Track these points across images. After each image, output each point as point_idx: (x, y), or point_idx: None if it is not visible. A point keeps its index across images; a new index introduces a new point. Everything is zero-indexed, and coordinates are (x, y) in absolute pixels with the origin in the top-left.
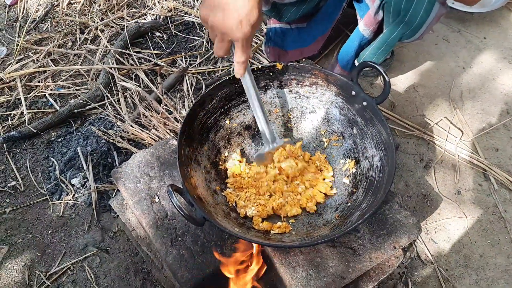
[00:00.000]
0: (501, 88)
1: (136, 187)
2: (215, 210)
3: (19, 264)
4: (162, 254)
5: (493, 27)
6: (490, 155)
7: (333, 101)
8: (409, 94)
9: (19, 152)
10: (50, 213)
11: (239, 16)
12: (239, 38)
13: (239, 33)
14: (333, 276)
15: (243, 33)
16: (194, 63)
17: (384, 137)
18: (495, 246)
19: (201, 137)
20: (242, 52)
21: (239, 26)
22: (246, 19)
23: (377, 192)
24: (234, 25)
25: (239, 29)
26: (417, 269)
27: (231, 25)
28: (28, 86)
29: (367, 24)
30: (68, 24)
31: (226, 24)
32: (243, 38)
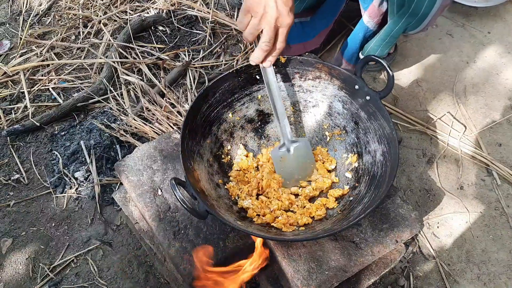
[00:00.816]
0: (505, 83)
1: (139, 180)
2: (218, 203)
3: (23, 256)
4: (165, 247)
5: (498, 21)
6: (493, 150)
7: (336, 95)
8: (412, 88)
9: (22, 146)
10: (53, 206)
11: (289, 5)
12: (288, 24)
13: (289, 19)
14: (335, 269)
15: (291, 20)
16: (197, 57)
17: (387, 131)
18: (497, 241)
19: (204, 130)
20: (284, 39)
21: (290, 13)
22: (292, 10)
23: (380, 187)
24: (286, 13)
25: (290, 16)
26: (419, 263)
27: (284, 12)
28: (32, 79)
29: (372, 15)
30: (71, 17)
31: (280, 11)
32: (290, 24)
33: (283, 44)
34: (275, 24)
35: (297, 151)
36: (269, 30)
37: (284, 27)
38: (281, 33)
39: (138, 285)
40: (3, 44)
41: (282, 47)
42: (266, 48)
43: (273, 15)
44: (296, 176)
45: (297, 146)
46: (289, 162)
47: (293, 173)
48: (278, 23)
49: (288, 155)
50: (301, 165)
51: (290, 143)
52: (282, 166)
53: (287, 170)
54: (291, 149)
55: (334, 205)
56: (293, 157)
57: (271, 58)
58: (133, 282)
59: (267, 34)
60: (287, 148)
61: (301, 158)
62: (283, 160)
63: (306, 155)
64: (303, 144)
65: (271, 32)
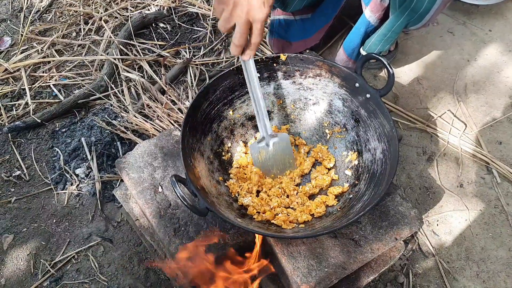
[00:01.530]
0: (505, 81)
1: (140, 177)
2: (218, 200)
3: (24, 252)
4: (165, 243)
5: (499, 19)
6: (493, 148)
7: (336, 93)
8: (413, 86)
9: (24, 142)
10: (54, 203)
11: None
12: (261, 18)
13: (261, 13)
14: (334, 266)
15: (265, 14)
16: (197, 54)
17: (387, 129)
18: (496, 239)
19: (204, 127)
20: (259, 34)
21: (263, 7)
22: (267, 2)
23: (379, 184)
24: (258, 6)
25: (263, 9)
26: (419, 261)
27: (256, 5)
28: (33, 76)
29: (373, 10)
30: (72, 14)
31: (251, 4)
32: (264, 18)
33: (259, 39)
34: (246, 18)
35: (276, 146)
36: (240, 24)
37: (257, 22)
38: (255, 28)
39: (139, 281)
40: (4, 41)
41: (257, 42)
42: (238, 44)
43: (244, 9)
44: (274, 170)
45: (276, 141)
46: (267, 156)
47: (271, 167)
48: (249, 17)
49: (266, 150)
50: (280, 160)
51: (269, 138)
52: (261, 160)
53: (266, 164)
54: (270, 144)
55: (334, 202)
56: (272, 151)
57: (249, 52)
58: (134, 279)
59: (239, 29)
60: (266, 142)
61: (279, 153)
62: (261, 154)
63: (285, 150)
64: (282, 139)
65: (243, 27)
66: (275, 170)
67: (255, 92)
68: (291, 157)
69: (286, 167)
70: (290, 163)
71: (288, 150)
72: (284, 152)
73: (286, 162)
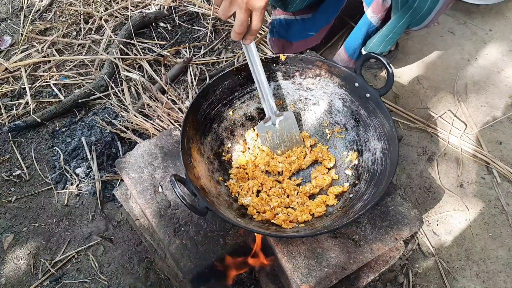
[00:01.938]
0: (506, 81)
1: (140, 177)
2: (218, 200)
3: (24, 252)
4: (165, 243)
5: (499, 19)
6: (494, 148)
7: (336, 93)
8: (413, 86)
9: (24, 142)
10: (54, 202)
11: None
12: (261, 6)
13: (262, 2)
14: (334, 266)
15: (265, 2)
16: (198, 54)
17: (387, 129)
18: (496, 239)
19: (204, 128)
20: (259, 20)
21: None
22: None
23: (379, 184)
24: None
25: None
26: (418, 261)
27: None
28: (33, 75)
29: (375, 11)
30: (73, 14)
31: None
32: (264, 6)
33: (259, 25)
34: (246, 7)
35: (282, 124)
36: (240, 13)
37: (257, 10)
38: (254, 15)
39: (139, 281)
40: (5, 40)
41: (258, 27)
42: (239, 31)
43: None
44: (282, 148)
45: (282, 119)
46: (275, 135)
47: (279, 145)
48: (249, 6)
49: (273, 129)
50: (287, 137)
51: (275, 117)
52: (268, 139)
53: (273, 143)
54: (277, 123)
55: (334, 202)
56: (278, 130)
57: (249, 37)
58: (134, 278)
59: (239, 17)
60: (273, 122)
61: (286, 130)
62: (269, 134)
63: (292, 127)
64: (287, 117)
65: (243, 15)
66: (283, 148)
67: (258, 75)
68: (297, 134)
69: (293, 143)
70: (297, 139)
71: (294, 127)
72: (290, 129)
73: (293, 138)
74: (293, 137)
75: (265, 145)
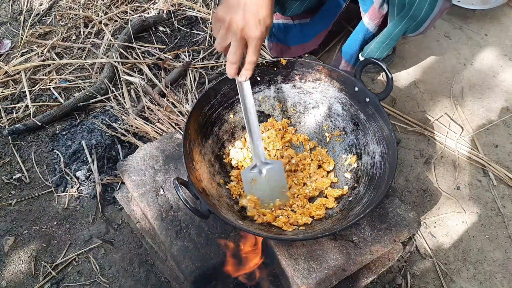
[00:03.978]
0: (501, 85)
1: (142, 180)
2: (219, 203)
3: (25, 254)
4: (167, 245)
5: (495, 24)
6: (490, 151)
7: (336, 97)
8: (410, 90)
9: (24, 145)
10: (55, 205)
11: (258, 16)
12: (256, 36)
13: (257, 31)
14: (334, 268)
15: (260, 32)
16: (197, 57)
17: (385, 133)
18: (493, 241)
19: (205, 130)
20: (255, 52)
21: (258, 25)
22: (263, 20)
23: (378, 187)
24: (253, 23)
25: (258, 27)
26: (416, 262)
27: (251, 23)
28: (33, 79)
29: (372, 17)
30: (72, 17)
31: (246, 21)
32: (259, 37)
33: (254, 58)
34: (241, 35)
35: (269, 173)
36: (234, 41)
37: (252, 39)
38: (250, 46)
39: (139, 284)
40: (4, 44)
41: (253, 61)
42: (232, 61)
43: (239, 25)
44: (267, 199)
45: (270, 168)
46: (260, 184)
47: (263, 196)
48: (244, 35)
49: (259, 177)
50: (273, 189)
51: (262, 165)
52: (253, 188)
53: (258, 193)
54: (263, 171)
55: (334, 205)
56: (264, 179)
57: (244, 72)
58: (134, 281)
59: (233, 46)
60: (259, 169)
61: (273, 182)
62: (254, 182)
63: (279, 179)
64: (276, 167)
65: (237, 44)
66: (267, 199)
67: (250, 117)
68: (284, 187)
69: (277, 196)
70: (282, 192)
71: (282, 179)
72: (277, 180)
73: (279, 191)
74: (278, 190)
75: (250, 193)
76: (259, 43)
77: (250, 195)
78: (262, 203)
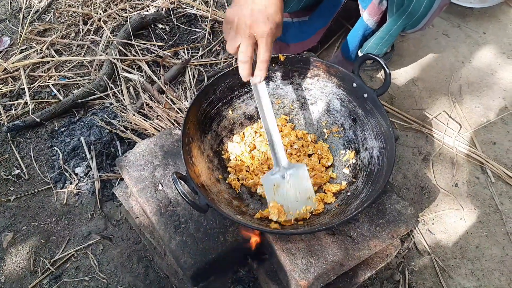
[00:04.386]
0: (499, 82)
1: (140, 175)
2: (218, 198)
3: (24, 250)
4: (165, 240)
5: (493, 22)
6: (488, 148)
7: (334, 93)
8: (408, 88)
9: (23, 141)
10: (54, 201)
11: (266, 12)
12: (265, 32)
13: (266, 27)
14: (332, 263)
15: (269, 28)
16: (196, 55)
17: (384, 128)
18: (490, 237)
19: (204, 126)
20: (266, 50)
21: (267, 21)
22: (272, 17)
23: (376, 182)
24: (261, 20)
25: (267, 23)
26: (414, 259)
27: (259, 20)
28: (32, 76)
29: (371, 13)
30: (71, 15)
31: (254, 18)
32: (269, 33)
33: (266, 56)
34: (250, 33)
35: (293, 178)
36: (244, 40)
37: (261, 37)
38: (260, 43)
39: (138, 279)
40: (3, 41)
41: (265, 59)
42: (243, 60)
43: (247, 23)
44: (292, 206)
45: (293, 173)
46: (283, 189)
47: (287, 202)
48: (253, 32)
49: (282, 182)
50: (297, 195)
51: (285, 170)
52: (276, 194)
53: (281, 199)
54: (286, 176)
55: (332, 200)
56: (288, 185)
57: (258, 72)
58: (133, 276)
59: (242, 44)
60: (282, 175)
61: (297, 187)
62: (277, 188)
63: (304, 184)
64: (300, 171)
65: (246, 42)
66: (292, 206)
67: (268, 121)
68: (310, 193)
69: (304, 203)
70: (309, 198)
71: (306, 184)
72: (301, 186)
73: (304, 197)
74: (305, 195)
75: (272, 200)
76: (270, 40)
77: (273, 202)
78: (286, 211)
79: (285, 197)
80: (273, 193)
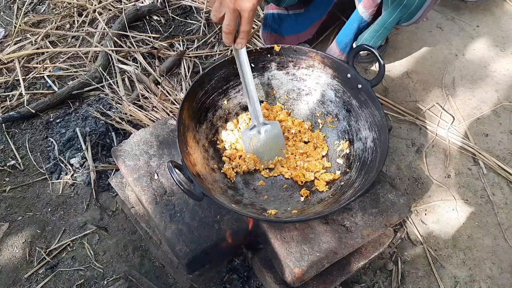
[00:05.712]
0: (492, 75)
1: (136, 165)
2: (213, 187)
3: (20, 240)
4: (161, 229)
5: (487, 15)
6: (480, 140)
7: (329, 84)
8: (402, 80)
9: (18, 132)
10: (49, 192)
11: None
12: (248, 7)
13: (249, 3)
14: (326, 251)
15: (252, 4)
16: (191, 47)
17: (377, 119)
18: (482, 227)
19: (200, 116)
20: (247, 22)
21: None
22: None
23: (370, 172)
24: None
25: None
26: (407, 249)
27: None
28: (27, 67)
29: (366, 6)
30: (66, 6)
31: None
32: (251, 8)
33: (247, 27)
34: (234, 7)
35: (268, 133)
36: (228, 13)
37: (245, 11)
38: (243, 17)
39: (134, 269)
40: None
41: (246, 30)
42: (227, 31)
43: None
44: (266, 157)
45: (268, 128)
46: (259, 143)
47: (262, 154)
48: (237, 6)
49: (258, 137)
50: (271, 147)
51: (260, 125)
52: (252, 146)
53: (257, 151)
54: (262, 131)
55: (325, 188)
56: (263, 138)
57: (240, 40)
58: (129, 266)
59: (227, 17)
60: (258, 130)
61: (271, 140)
62: (253, 141)
63: (277, 138)
64: (274, 127)
65: (230, 15)
66: (266, 157)
67: (247, 81)
68: (282, 145)
69: (276, 154)
70: (280, 151)
71: (279, 138)
72: (275, 140)
73: (277, 149)
74: (277, 147)
75: (249, 152)
76: (252, 14)
77: (250, 154)
78: (261, 161)
79: (261, 149)
80: (250, 146)
